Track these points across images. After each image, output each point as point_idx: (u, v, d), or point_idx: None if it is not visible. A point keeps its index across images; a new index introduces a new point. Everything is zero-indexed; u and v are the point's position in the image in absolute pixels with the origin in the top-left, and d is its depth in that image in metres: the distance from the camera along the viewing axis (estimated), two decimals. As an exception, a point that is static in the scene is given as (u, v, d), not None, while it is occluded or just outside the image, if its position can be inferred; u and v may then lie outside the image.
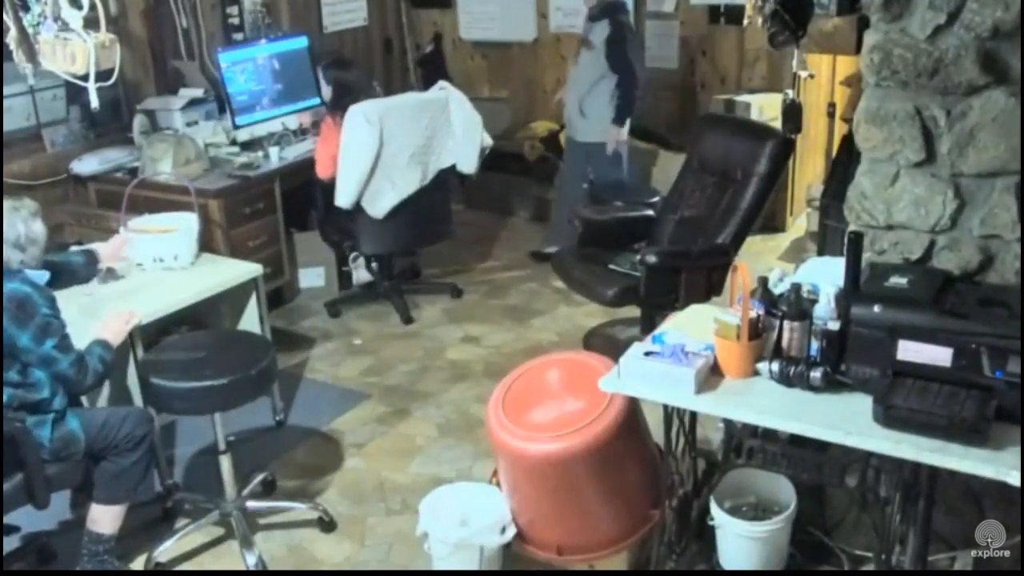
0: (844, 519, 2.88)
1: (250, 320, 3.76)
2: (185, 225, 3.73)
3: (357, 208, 4.51)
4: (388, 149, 4.43)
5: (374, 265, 5.05)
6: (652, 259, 3.76)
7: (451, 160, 4.68)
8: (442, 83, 4.85)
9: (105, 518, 2.91)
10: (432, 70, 6.40)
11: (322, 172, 4.51)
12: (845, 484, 2.36)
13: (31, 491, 2.71)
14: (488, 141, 4.81)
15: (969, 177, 2.38)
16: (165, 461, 3.49)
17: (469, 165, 4.73)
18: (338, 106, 4.47)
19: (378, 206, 4.51)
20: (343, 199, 4.46)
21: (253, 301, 3.74)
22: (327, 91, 4.63)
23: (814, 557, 2.87)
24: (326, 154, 4.46)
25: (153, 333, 3.53)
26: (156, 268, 3.63)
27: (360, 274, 5.12)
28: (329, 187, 4.53)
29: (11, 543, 3.12)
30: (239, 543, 3.11)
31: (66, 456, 2.79)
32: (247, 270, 3.71)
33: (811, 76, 5.10)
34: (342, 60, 4.98)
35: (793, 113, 4.33)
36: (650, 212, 4.39)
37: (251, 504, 3.29)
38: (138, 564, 3.10)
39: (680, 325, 2.58)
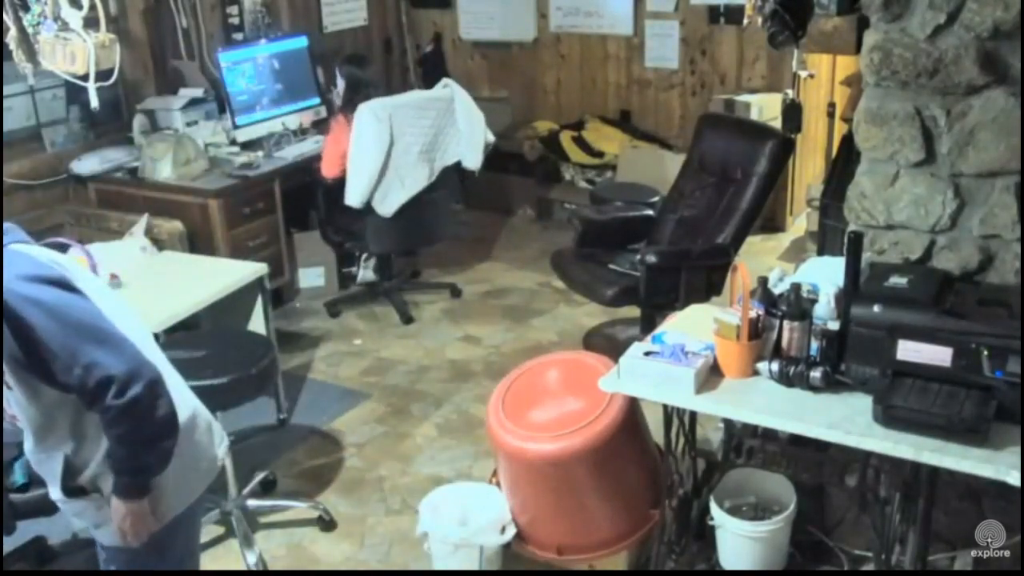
0: (844, 519, 2.88)
1: (255, 320, 3.74)
2: None
3: (364, 207, 4.49)
4: (397, 146, 4.43)
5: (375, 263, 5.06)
6: (652, 259, 3.76)
7: (455, 157, 4.68)
8: (446, 80, 4.84)
9: None
10: (432, 70, 6.41)
11: (328, 171, 4.50)
12: (845, 484, 2.37)
13: None
14: (491, 138, 4.80)
15: (969, 177, 2.38)
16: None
17: (474, 161, 4.72)
18: (350, 103, 4.45)
19: (388, 204, 4.50)
20: (353, 198, 4.44)
21: (259, 301, 3.71)
22: (342, 87, 4.59)
23: (814, 557, 2.87)
24: (335, 152, 4.44)
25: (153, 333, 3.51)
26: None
27: (366, 273, 5.12)
28: (333, 187, 4.52)
29: (11, 543, 3.12)
30: (239, 542, 3.12)
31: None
32: (253, 270, 3.69)
33: (811, 76, 5.10)
34: (357, 57, 4.90)
35: (793, 113, 4.34)
36: (650, 212, 4.39)
37: (251, 503, 3.29)
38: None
39: (680, 325, 2.58)
